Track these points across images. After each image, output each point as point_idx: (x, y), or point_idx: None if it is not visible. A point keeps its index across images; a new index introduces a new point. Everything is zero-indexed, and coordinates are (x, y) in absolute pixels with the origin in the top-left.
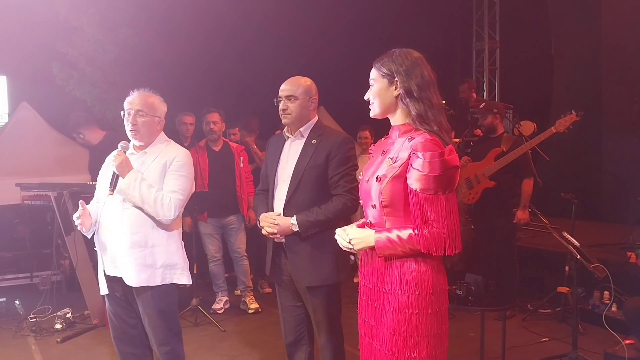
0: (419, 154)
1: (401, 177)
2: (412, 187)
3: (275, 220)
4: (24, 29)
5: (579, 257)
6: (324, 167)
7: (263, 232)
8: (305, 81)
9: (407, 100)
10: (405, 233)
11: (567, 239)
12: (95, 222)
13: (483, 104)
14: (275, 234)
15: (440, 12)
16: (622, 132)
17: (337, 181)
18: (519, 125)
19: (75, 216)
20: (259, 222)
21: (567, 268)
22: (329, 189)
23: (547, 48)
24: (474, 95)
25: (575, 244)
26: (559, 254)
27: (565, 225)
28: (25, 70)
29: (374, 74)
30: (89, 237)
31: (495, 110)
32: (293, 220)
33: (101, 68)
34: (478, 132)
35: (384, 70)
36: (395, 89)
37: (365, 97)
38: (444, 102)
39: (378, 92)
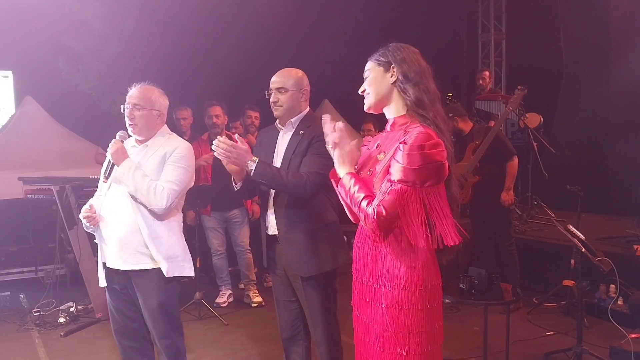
0: (401, 146)
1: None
2: (391, 178)
3: (235, 148)
4: (30, 24)
5: (583, 250)
6: (306, 153)
7: (215, 149)
8: (297, 73)
9: (405, 85)
10: (361, 195)
11: (571, 231)
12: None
13: None
14: (229, 155)
15: (445, 3)
16: (629, 124)
17: (307, 160)
18: (525, 117)
19: (81, 216)
20: (216, 147)
21: (572, 261)
22: None
23: (556, 39)
24: (488, 87)
25: (580, 237)
26: (565, 247)
27: (571, 218)
28: (31, 65)
29: (369, 65)
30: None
31: (451, 115)
32: (254, 158)
33: (107, 62)
34: None
35: (381, 59)
36: (392, 76)
37: (360, 90)
38: (450, 94)
39: (374, 80)
